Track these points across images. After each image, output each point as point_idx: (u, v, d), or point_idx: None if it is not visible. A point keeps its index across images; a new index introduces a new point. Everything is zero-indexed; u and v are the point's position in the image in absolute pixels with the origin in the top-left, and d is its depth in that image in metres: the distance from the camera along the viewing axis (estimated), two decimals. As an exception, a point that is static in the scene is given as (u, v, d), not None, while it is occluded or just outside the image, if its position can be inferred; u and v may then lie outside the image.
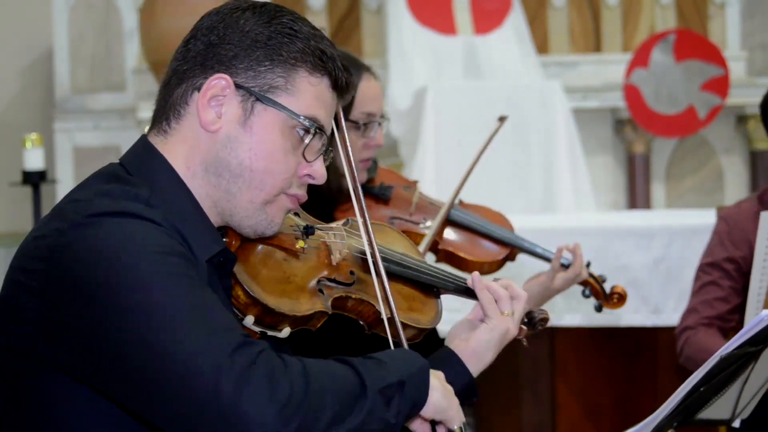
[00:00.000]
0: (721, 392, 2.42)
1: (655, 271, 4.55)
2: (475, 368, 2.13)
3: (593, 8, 7.67)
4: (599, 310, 3.26)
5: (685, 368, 3.54)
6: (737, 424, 2.61)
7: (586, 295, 3.24)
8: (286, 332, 1.95)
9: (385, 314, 2.06)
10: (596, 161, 7.25)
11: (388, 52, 7.00)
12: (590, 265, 3.22)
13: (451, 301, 2.30)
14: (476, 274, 2.21)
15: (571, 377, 4.74)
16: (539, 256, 3.21)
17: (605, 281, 3.24)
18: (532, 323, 2.29)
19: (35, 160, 5.76)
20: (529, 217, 5.51)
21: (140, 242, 1.75)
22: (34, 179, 5.76)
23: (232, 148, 1.90)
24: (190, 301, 1.73)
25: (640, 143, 7.37)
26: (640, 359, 4.73)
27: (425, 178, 6.10)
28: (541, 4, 7.58)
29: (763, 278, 3.28)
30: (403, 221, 3.12)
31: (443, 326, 2.29)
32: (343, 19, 7.48)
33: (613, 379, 4.74)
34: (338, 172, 2.75)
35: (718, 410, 2.49)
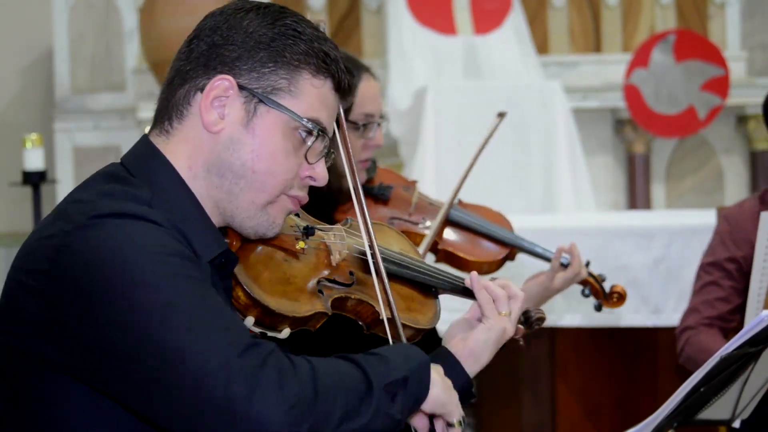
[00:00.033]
0: (721, 393, 2.43)
1: (655, 271, 4.54)
2: (472, 369, 2.13)
3: (593, 8, 7.67)
4: (599, 309, 3.26)
5: (685, 368, 3.54)
6: (737, 424, 2.61)
7: (585, 294, 3.24)
8: (285, 333, 1.95)
9: (384, 315, 2.06)
10: (596, 161, 7.25)
11: (388, 52, 7.00)
12: (590, 264, 3.22)
13: (450, 301, 2.30)
14: (474, 274, 2.21)
15: (571, 377, 4.74)
16: (539, 255, 3.21)
17: (605, 280, 3.24)
18: (529, 323, 2.30)
19: (35, 160, 5.76)
20: (529, 217, 5.51)
21: (144, 244, 1.75)
22: (34, 179, 5.77)
23: (234, 149, 1.90)
24: (196, 302, 1.73)
25: (640, 143, 7.37)
26: (640, 359, 4.73)
27: (425, 178, 6.10)
28: (541, 4, 7.58)
29: (763, 279, 3.28)
30: (402, 221, 3.12)
31: (442, 326, 2.29)
32: (343, 19, 7.48)
33: (613, 379, 4.73)
34: (338, 172, 2.75)
35: (718, 410, 2.49)
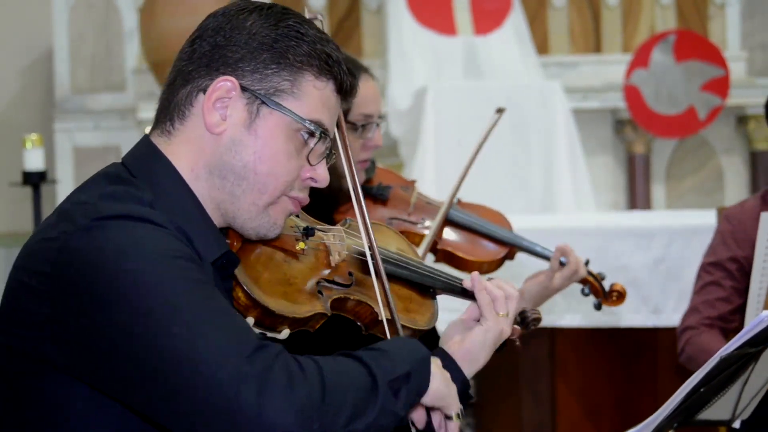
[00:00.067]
0: (721, 393, 2.42)
1: (655, 271, 4.54)
2: (469, 369, 2.13)
3: (593, 8, 7.67)
4: (598, 308, 3.26)
5: (685, 367, 3.54)
6: (737, 424, 2.61)
7: (585, 293, 3.24)
8: (285, 334, 1.95)
9: (384, 316, 2.06)
10: (596, 161, 7.25)
11: (388, 52, 7.00)
12: (589, 263, 3.22)
13: (450, 301, 2.30)
14: (476, 274, 2.21)
15: (571, 377, 4.74)
16: (538, 254, 3.21)
17: (604, 279, 3.24)
18: (525, 323, 2.30)
19: (35, 160, 5.76)
20: (529, 217, 5.51)
21: (148, 246, 1.75)
22: (34, 179, 5.77)
23: (236, 151, 1.90)
24: (202, 305, 1.73)
25: (640, 143, 7.38)
26: (640, 359, 4.73)
27: (425, 178, 6.10)
28: (541, 4, 7.58)
29: (763, 279, 3.27)
30: (401, 221, 3.12)
31: (440, 326, 2.29)
32: (343, 19, 7.48)
33: (613, 379, 4.73)
34: (337, 173, 2.75)
35: (718, 411, 2.48)
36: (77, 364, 1.75)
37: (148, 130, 1.99)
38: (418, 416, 1.96)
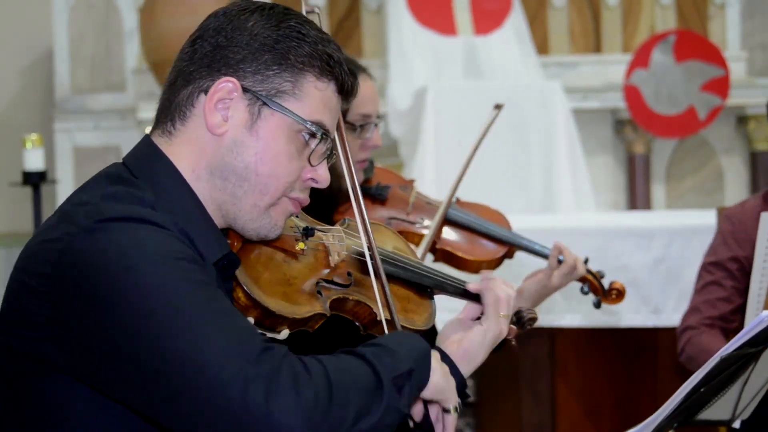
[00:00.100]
0: (721, 393, 2.42)
1: (655, 271, 4.54)
2: (466, 369, 2.12)
3: (593, 8, 7.67)
4: (598, 306, 3.26)
5: (685, 367, 3.54)
6: (737, 424, 2.60)
7: (584, 291, 3.24)
8: (284, 334, 1.95)
9: (384, 316, 2.06)
10: (596, 161, 7.25)
11: (388, 52, 7.00)
12: (588, 261, 3.23)
13: (448, 301, 2.30)
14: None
15: (571, 377, 4.74)
16: (537, 253, 3.21)
17: (603, 277, 3.25)
18: (521, 322, 2.30)
19: (35, 160, 5.76)
20: (529, 217, 5.52)
21: (151, 247, 1.74)
22: (34, 179, 5.77)
23: (238, 152, 1.89)
24: (207, 306, 1.72)
25: (640, 143, 7.37)
26: (640, 359, 4.73)
27: (425, 178, 6.10)
28: (541, 4, 7.58)
29: (763, 279, 3.27)
30: (400, 221, 3.11)
31: (437, 326, 2.29)
32: (343, 19, 7.48)
33: (613, 379, 4.73)
34: (336, 173, 2.75)
35: (718, 411, 2.48)
36: (78, 365, 1.75)
37: (148, 130, 1.99)
38: (415, 410, 1.96)
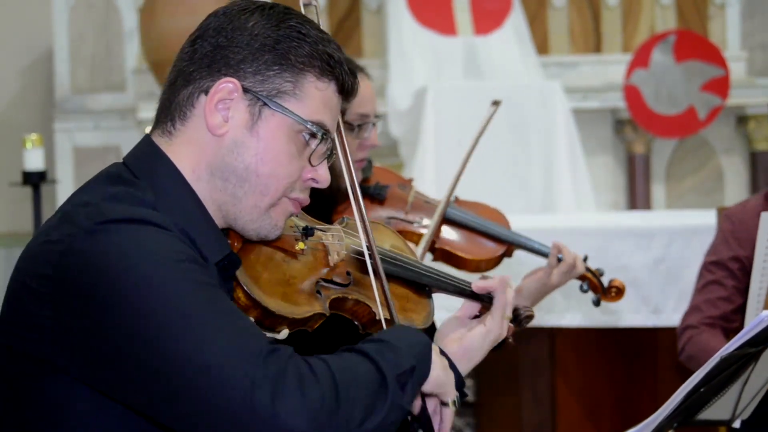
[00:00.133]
0: (721, 393, 2.42)
1: (655, 271, 4.54)
2: (464, 368, 2.13)
3: (593, 8, 7.67)
4: (597, 304, 3.27)
5: (685, 366, 3.54)
6: (737, 424, 2.60)
7: (584, 289, 3.24)
8: (284, 334, 1.94)
9: (383, 316, 2.06)
10: (596, 161, 7.25)
11: (388, 52, 7.00)
12: (587, 259, 3.23)
13: (445, 300, 2.30)
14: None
15: (571, 377, 4.74)
16: (536, 251, 3.21)
17: (603, 275, 3.25)
18: (518, 320, 2.31)
19: (35, 160, 5.76)
20: (529, 217, 5.52)
21: (154, 249, 1.74)
22: (34, 179, 5.76)
23: (238, 152, 1.89)
24: (212, 308, 1.72)
25: (640, 143, 7.37)
26: (640, 359, 4.73)
27: (425, 178, 6.10)
28: (541, 4, 7.58)
29: (763, 279, 3.27)
30: (399, 221, 3.11)
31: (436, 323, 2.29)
32: (343, 19, 7.47)
33: (613, 379, 4.73)
34: (335, 172, 2.75)
35: (718, 411, 2.48)
36: (79, 367, 1.74)
37: (148, 129, 1.99)
38: (413, 403, 1.96)
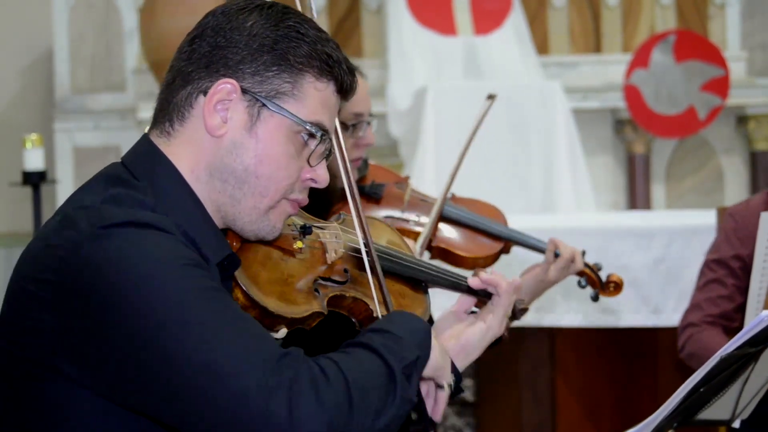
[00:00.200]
0: (721, 393, 2.42)
1: (655, 271, 4.54)
2: (462, 364, 2.13)
3: (593, 8, 7.67)
4: (596, 299, 3.26)
5: (685, 363, 3.54)
6: (737, 424, 2.60)
7: (582, 285, 3.24)
8: (282, 333, 1.94)
9: (380, 313, 2.06)
10: (596, 161, 7.25)
11: (388, 52, 7.00)
12: (585, 254, 3.22)
13: (449, 301, 2.30)
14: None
15: (571, 377, 4.74)
16: (533, 247, 3.21)
17: (601, 269, 3.24)
18: (513, 313, 2.32)
19: (35, 160, 5.75)
20: (529, 217, 5.52)
21: (159, 255, 1.72)
22: (34, 179, 5.76)
23: (237, 154, 1.88)
24: (221, 314, 1.71)
25: (640, 143, 7.37)
26: (640, 359, 4.73)
27: (425, 178, 6.10)
28: (541, 4, 7.58)
29: (763, 279, 3.27)
30: (395, 219, 3.11)
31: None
32: (343, 19, 7.47)
33: (613, 379, 4.73)
34: (331, 172, 2.75)
35: (718, 411, 2.48)
36: (85, 375, 1.73)
37: (148, 129, 1.99)
38: None
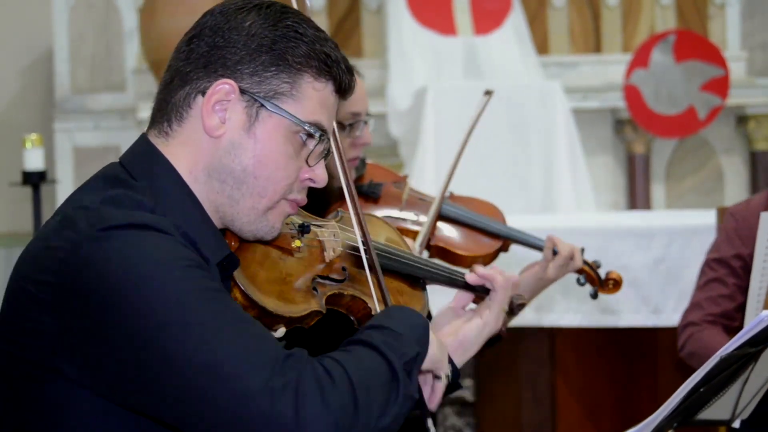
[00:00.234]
0: (721, 393, 2.42)
1: (655, 271, 4.54)
2: (460, 359, 2.14)
3: (593, 8, 7.67)
4: (595, 296, 3.26)
5: (686, 362, 3.54)
6: (737, 424, 2.60)
7: (581, 282, 3.24)
8: (281, 332, 1.94)
9: (379, 311, 2.06)
10: (596, 161, 7.25)
11: (388, 52, 7.00)
12: (584, 251, 3.22)
13: (444, 297, 2.30)
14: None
15: (571, 377, 4.74)
16: (532, 245, 3.21)
17: (600, 267, 3.24)
18: (511, 309, 2.32)
19: (35, 160, 5.75)
20: (529, 217, 5.52)
21: (160, 257, 1.72)
22: (34, 179, 5.76)
23: (235, 154, 1.88)
24: (224, 315, 1.71)
25: (640, 143, 7.37)
26: (640, 359, 4.73)
27: (425, 178, 6.10)
28: (541, 4, 7.58)
29: (763, 279, 3.27)
30: (393, 219, 3.11)
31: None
32: (343, 19, 7.47)
33: (613, 379, 4.73)
34: (328, 172, 2.75)
35: (718, 411, 2.48)
36: (86, 377, 1.73)
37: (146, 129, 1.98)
38: None
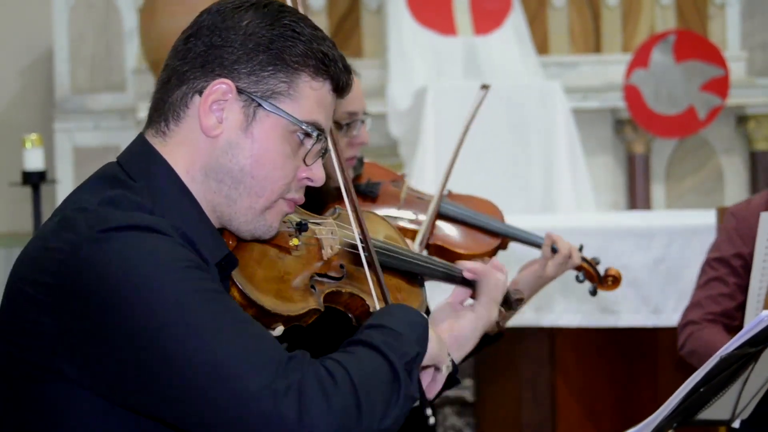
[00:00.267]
0: (721, 393, 2.42)
1: (655, 271, 4.54)
2: (457, 356, 2.14)
3: (593, 8, 7.67)
4: (594, 293, 3.26)
5: (686, 361, 3.54)
6: (737, 424, 2.60)
7: (580, 279, 3.24)
8: (279, 331, 1.94)
9: (378, 307, 2.06)
10: (596, 161, 7.25)
11: (388, 52, 7.00)
12: (583, 248, 3.22)
13: (436, 288, 2.30)
14: (494, 262, 2.21)
15: (571, 377, 4.74)
16: (531, 243, 3.21)
17: (599, 264, 3.24)
18: (508, 303, 2.32)
19: (35, 160, 5.75)
20: (529, 217, 5.51)
21: (160, 259, 1.72)
22: (34, 179, 5.76)
23: (233, 154, 1.88)
24: (223, 315, 1.71)
25: (640, 143, 7.37)
26: (640, 359, 4.73)
27: (425, 178, 6.10)
28: (541, 4, 7.58)
29: (763, 278, 3.27)
30: (391, 218, 3.11)
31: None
32: (343, 19, 7.47)
33: (613, 379, 4.73)
34: (326, 172, 2.75)
35: (718, 411, 2.48)
36: (87, 378, 1.73)
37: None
38: None
